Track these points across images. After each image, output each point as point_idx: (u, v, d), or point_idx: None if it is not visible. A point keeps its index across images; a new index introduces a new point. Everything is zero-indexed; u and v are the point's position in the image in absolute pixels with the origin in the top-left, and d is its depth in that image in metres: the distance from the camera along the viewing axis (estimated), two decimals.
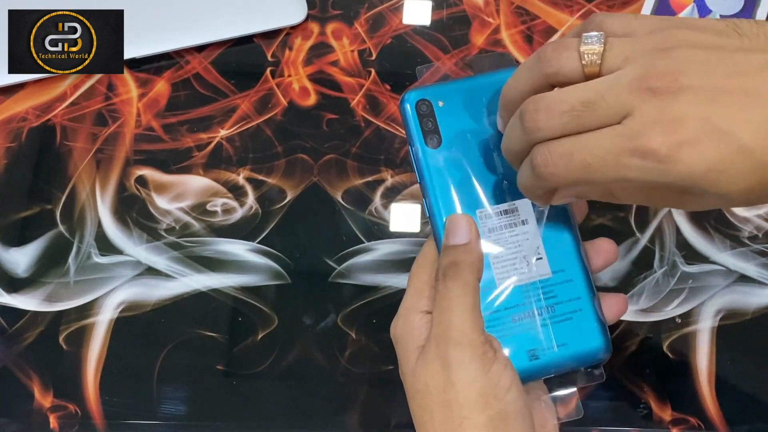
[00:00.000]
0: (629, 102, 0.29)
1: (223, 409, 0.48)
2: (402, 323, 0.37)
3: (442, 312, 0.35)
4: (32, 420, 0.48)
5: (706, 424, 0.47)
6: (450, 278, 0.36)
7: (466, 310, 0.35)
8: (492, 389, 0.34)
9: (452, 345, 0.34)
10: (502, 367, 0.35)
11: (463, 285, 0.35)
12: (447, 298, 0.35)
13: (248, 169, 0.54)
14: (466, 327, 0.35)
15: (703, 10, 0.49)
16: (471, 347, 0.34)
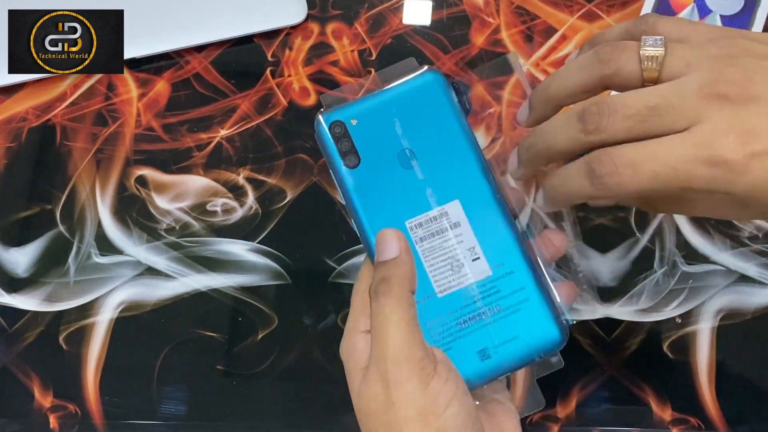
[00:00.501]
0: (698, 108, 0.29)
1: (223, 409, 0.48)
2: (345, 344, 0.37)
3: (378, 330, 0.34)
4: (32, 420, 0.48)
5: (706, 424, 0.47)
6: (382, 294, 0.35)
7: (401, 325, 0.34)
8: (430, 406, 0.33)
9: (390, 363, 0.34)
10: (442, 382, 0.34)
11: (396, 300, 0.34)
12: (381, 315, 0.34)
13: (248, 169, 0.54)
14: (401, 343, 0.34)
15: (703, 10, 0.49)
16: (408, 364, 0.33)
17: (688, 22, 0.32)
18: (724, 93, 0.29)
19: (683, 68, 0.30)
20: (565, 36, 0.57)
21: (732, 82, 0.29)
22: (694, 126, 0.29)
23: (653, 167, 0.30)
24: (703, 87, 0.29)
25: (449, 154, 0.39)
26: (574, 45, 0.56)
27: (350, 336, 0.37)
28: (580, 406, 0.48)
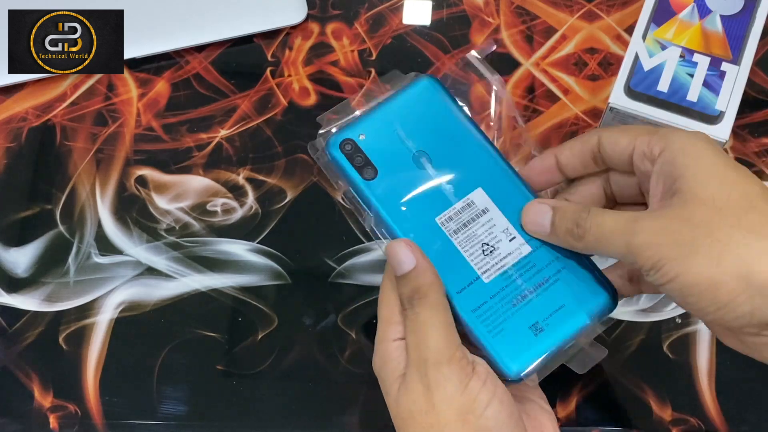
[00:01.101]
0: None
1: (223, 409, 0.48)
2: (380, 356, 0.37)
3: (416, 336, 0.36)
4: (32, 420, 0.48)
5: (706, 424, 0.47)
6: (418, 304, 0.36)
7: (440, 328, 0.35)
8: (470, 406, 0.34)
9: (431, 366, 0.35)
10: (481, 383, 0.35)
11: (430, 307, 0.36)
12: (418, 322, 0.36)
13: (248, 169, 0.54)
14: (441, 345, 0.35)
15: (703, 10, 0.49)
16: (449, 365, 0.35)
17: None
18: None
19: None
20: (565, 36, 0.57)
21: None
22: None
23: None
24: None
25: (460, 148, 0.40)
26: (574, 45, 0.56)
27: (383, 346, 0.37)
28: (580, 406, 0.48)
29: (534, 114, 0.54)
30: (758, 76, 0.55)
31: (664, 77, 0.48)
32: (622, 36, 0.56)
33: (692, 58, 0.48)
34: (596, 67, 0.56)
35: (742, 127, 0.54)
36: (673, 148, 0.35)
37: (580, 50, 0.56)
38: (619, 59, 0.54)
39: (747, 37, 0.49)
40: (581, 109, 0.55)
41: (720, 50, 0.48)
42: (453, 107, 0.41)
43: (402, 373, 0.36)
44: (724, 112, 0.47)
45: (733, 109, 0.47)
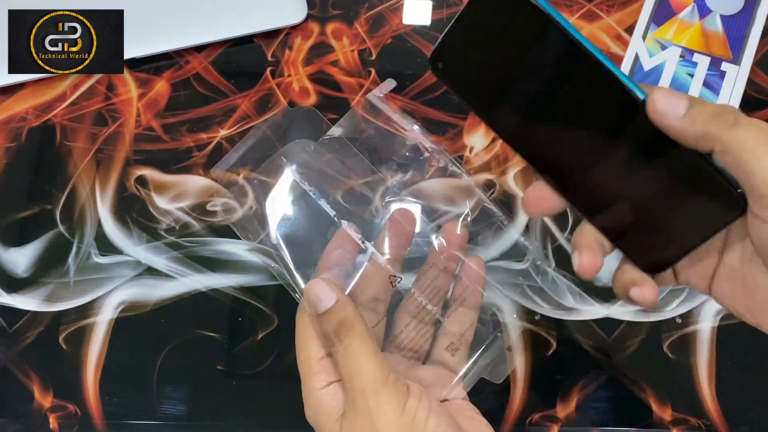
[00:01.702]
0: None
1: (223, 409, 0.48)
2: (312, 408, 0.38)
3: (349, 368, 0.37)
4: (32, 420, 0.48)
5: (706, 424, 0.47)
6: (345, 336, 0.37)
7: (370, 356, 0.36)
8: (411, 424, 0.35)
9: (369, 393, 0.36)
10: (417, 400, 0.36)
11: (359, 336, 0.37)
12: (349, 354, 0.37)
13: (248, 169, 0.54)
14: (374, 371, 0.36)
15: (703, 10, 0.49)
16: (385, 388, 0.36)
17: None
18: None
19: None
20: None
21: None
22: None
23: None
24: None
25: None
26: None
27: (313, 397, 0.38)
28: (580, 406, 0.48)
29: None
30: (758, 76, 0.55)
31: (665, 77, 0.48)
32: (622, 36, 0.56)
33: (692, 58, 0.48)
34: None
35: None
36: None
37: None
38: (620, 59, 0.54)
39: (747, 37, 0.49)
40: None
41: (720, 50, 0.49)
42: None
43: (339, 414, 0.37)
44: None
45: None
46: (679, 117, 0.32)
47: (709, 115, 0.31)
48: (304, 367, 0.39)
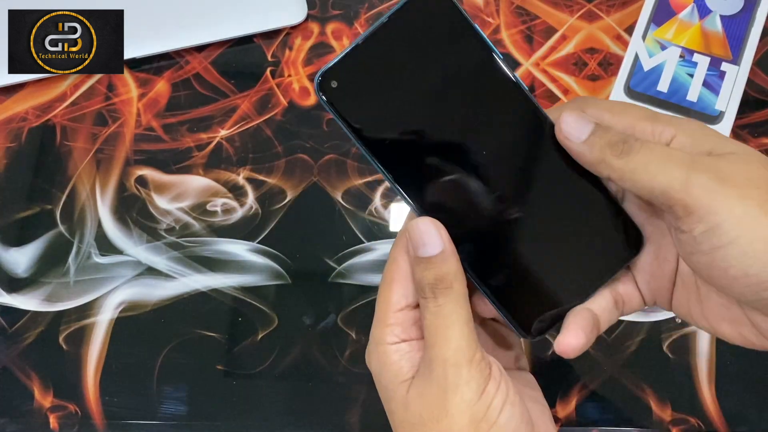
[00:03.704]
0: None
1: (223, 409, 0.48)
2: (377, 357, 0.35)
3: (438, 332, 0.33)
4: (32, 420, 0.48)
5: (706, 424, 0.47)
6: (441, 294, 0.33)
7: (463, 326, 0.33)
8: (483, 412, 0.32)
9: (450, 367, 0.32)
10: (496, 386, 0.33)
11: (456, 299, 0.33)
12: (440, 316, 0.33)
13: (248, 169, 0.54)
14: (463, 344, 0.32)
15: (703, 10, 0.49)
16: (469, 366, 0.32)
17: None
18: None
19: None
20: (565, 36, 0.57)
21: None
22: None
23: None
24: None
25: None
26: (574, 45, 0.56)
27: (380, 349, 0.34)
28: (580, 406, 0.48)
29: None
30: (758, 76, 0.55)
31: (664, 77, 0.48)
32: (622, 36, 0.56)
33: (692, 58, 0.48)
34: (596, 67, 0.56)
35: (742, 127, 0.54)
36: (691, 133, 0.33)
37: (580, 50, 0.56)
38: (619, 59, 0.54)
39: (747, 37, 0.49)
40: None
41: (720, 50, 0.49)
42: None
43: (408, 377, 0.34)
44: (724, 112, 0.47)
45: (733, 109, 0.47)
46: (581, 141, 0.33)
47: (604, 143, 0.33)
48: (381, 314, 0.34)
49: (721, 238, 0.30)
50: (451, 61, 0.34)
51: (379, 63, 0.34)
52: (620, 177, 0.32)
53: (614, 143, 0.32)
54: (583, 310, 0.36)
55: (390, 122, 0.34)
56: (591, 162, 0.33)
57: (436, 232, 0.33)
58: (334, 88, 0.33)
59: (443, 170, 0.34)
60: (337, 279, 0.51)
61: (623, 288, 0.37)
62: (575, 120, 0.34)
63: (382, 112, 0.34)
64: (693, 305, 0.35)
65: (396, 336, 0.34)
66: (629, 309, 0.37)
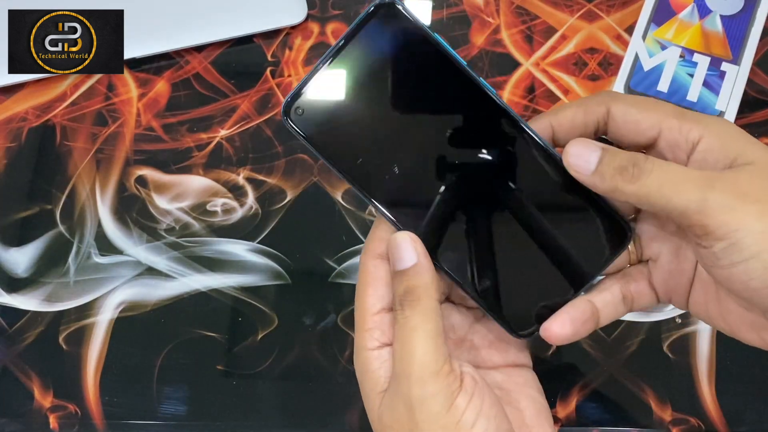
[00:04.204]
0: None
1: (223, 409, 0.48)
2: (359, 363, 0.35)
3: (402, 345, 0.33)
4: (32, 420, 0.48)
5: (706, 424, 0.47)
6: (408, 306, 0.33)
7: (428, 338, 0.32)
8: (453, 425, 0.32)
9: (414, 381, 0.32)
10: (468, 398, 0.32)
11: (423, 312, 0.33)
12: (407, 329, 0.33)
13: (248, 169, 0.54)
14: (427, 358, 0.32)
15: (703, 10, 0.49)
16: (434, 380, 0.32)
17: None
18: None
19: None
20: (565, 36, 0.57)
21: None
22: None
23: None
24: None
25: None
26: (574, 45, 0.56)
27: (362, 355, 0.35)
28: (580, 406, 0.48)
29: (534, 114, 0.54)
30: (758, 76, 0.55)
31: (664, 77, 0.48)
32: (622, 36, 0.56)
33: (692, 58, 0.48)
34: (596, 67, 0.56)
35: (742, 127, 0.54)
36: (720, 134, 0.32)
37: (580, 50, 0.56)
38: (619, 59, 0.54)
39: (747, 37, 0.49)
40: None
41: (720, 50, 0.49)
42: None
43: (383, 388, 0.34)
44: (724, 112, 0.47)
45: (733, 109, 0.47)
46: (590, 173, 0.33)
47: (614, 170, 0.32)
48: (359, 319, 0.35)
49: (741, 254, 0.30)
50: (414, 75, 0.34)
51: (342, 85, 0.34)
52: (636, 201, 0.32)
53: (624, 168, 0.32)
54: (583, 300, 0.35)
55: (358, 142, 0.34)
56: (604, 191, 0.33)
57: (411, 246, 0.34)
58: (299, 114, 0.34)
59: (416, 183, 0.35)
60: (337, 279, 0.51)
61: (635, 284, 0.36)
62: (580, 150, 0.33)
63: (350, 132, 0.34)
64: (711, 306, 0.35)
65: (376, 340, 0.34)
66: (639, 306, 0.37)
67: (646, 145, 0.34)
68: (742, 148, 0.32)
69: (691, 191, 0.30)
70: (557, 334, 0.35)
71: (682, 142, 0.33)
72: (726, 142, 0.32)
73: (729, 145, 0.32)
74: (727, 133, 0.32)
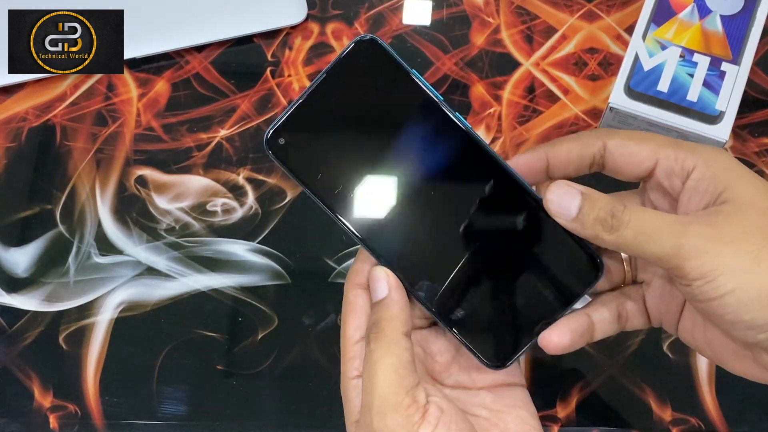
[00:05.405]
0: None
1: (223, 409, 0.48)
2: (342, 391, 0.36)
3: (367, 377, 0.34)
4: (32, 420, 0.48)
5: (706, 424, 0.47)
6: (372, 339, 0.34)
7: (390, 371, 0.33)
8: None
9: (375, 414, 0.33)
10: (431, 428, 0.33)
11: (386, 344, 0.33)
12: (370, 362, 0.34)
13: (248, 169, 0.54)
14: (387, 391, 0.33)
15: (703, 10, 0.49)
16: (393, 414, 0.32)
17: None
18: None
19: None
20: (565, 36, 0.57)
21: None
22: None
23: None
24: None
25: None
26: (574, 45, 0.56)
27: (343, 383, 0.36)
28: (580, 406, 0.48)
29: (534, 114, 0.54)
30: (758, 76, 0.55)
31: (664, 77, 0.48)
32: (622, 36, 0.56)
33: (692, 58, 0.48)
34: (596, 67, 0.56)
35: (742, 127, 0.54)
36: (711, 164, 0.33)
37: (580, 50, 0.56)
38: (619, 59, 0.54)
39: (747, 37, 0.49)
40: (581, 109, 0.55)
41: (720, 50, 0.49)
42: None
43: (357, 418, 0.34)
44: (724, 112, 0.47)
45: (733, 109, 0.47)
46: (571, 219, 0.34)
47: (594, 219, 0.33)
48: (342, 348, 0.36)
49: (717, 291, 0.31)
50: (393, 108, 0.35)
51: (324, 116, 0.35)
52: (615, 249, 0.34)
53: (603, 219, 0.33)
54: (581, 314, 0.36)
55: (340, 173, 0.35)
56: (585, 237, 0.34)
57: (384, 279, 0.35)
58: (282, 144, 0.35)
59: (394, 215, 0.36)
60: (337, 279, 0.51)
61: (630, 304, 0.38)
62: (561, 196, 0.34)
63: (331, 164, 0.35)
64: (698, 333, 0.36)
65: (356, 369, 0.35)
66: (632, 326, 0.38)
67: (643, 176, 0.35)
68: (729, 181, 0.33)
69: (666, 239, 0.32)
70: (556, 344, 0.35)
71: (678, 170, 0.34)
72: (717, 172, 0.33)
73: (719, 176, 0.33)
74: (718, 163, 0.34)
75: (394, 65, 0.35)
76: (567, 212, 0.34)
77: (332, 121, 0.35)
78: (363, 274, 0.36)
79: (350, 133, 0.35)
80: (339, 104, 0.35)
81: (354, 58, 0.35)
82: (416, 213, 0.36)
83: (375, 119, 0.36)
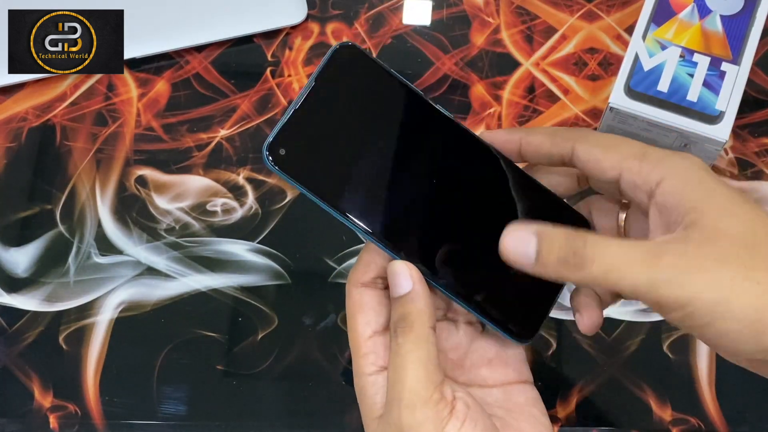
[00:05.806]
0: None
1: (223, 409, 0.48)
2: (358, 388, 0.36)
3: (395, 372, 0.33)
4: (32, 420, 0.48)
5: (706, 424, 0.47)
6: (401, 333, 0.34)
7: (419, 365, 0.33)
8: None
9: (404, 408, 0.32)
10: (458, 426, 0.33)
11: (415, 339, 0.33)
12: (399, 356, 0.33)
13: (248, 169, 0.54)
14: (417, 385, 0.33)
15: (703, 10, 0.49)
16: (423, 408, 0.32)
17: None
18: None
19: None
20: (565, 36, 0.57)
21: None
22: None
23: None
24: None
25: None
26: (574, 45, 0.56)
27: (359, 380, 0.35)
28: (580, 406, 0.48)
29: (534, 114, 0.55)
30: (758, 76, 0.55)
31: (664, 77, 0.48)
32: (622, 36, 0.56)
33: (692, 58, 0.48)
34: (596, 67, 0.56)
35: (742, 127, 0.54)
36: (677, 178, 0.33)
37: (580, 50, 0.56)
38: (619, 59, 0.54)
39: (747, 37, 0.49)
40: (581, 109, 0.55)
41: (720, 50, 0.48)
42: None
43: (379, 414, 0.34)
44: (724, 112, 0.47)
45: (733, 109, 0.47)
46: (532, 263, 0.33)
47: (556, 261, 0.32)
48: (353, 345, 0.36)
49: (694, 321, 0.31)
50: (383, 110, 0.37)
51: (319, 123, 0.35)
52: (586, 286, 0.35)
53: (564, 259, 0.32)
54: (588, 292, 0.37)
55: (344, 177, 0.35)
56: (552, 280, 0.33)
57: (407, 273, 0.34)
58: (282, 155, 0.35)
59: (407, 208, 0.36)
60: (337, 279, 0.51)
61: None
62: (515, 242, 0.33)
63: (334, 168, 0.35)
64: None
65: (373, 364, 0.35)
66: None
67: (611, 182, 0.35)
68: (698, 198, 0.32)
69: (638, 273, 0.31)
70: (597, 323, 0.37)
71: (641, 184, 0.33)
72: (685, 188, 0.32)
73: (687, 192, 0.32)
74: (688, 176, 0.32)
75: (374, 67, 0.36)
76: (526, 259, 0.33)
77: (328, 125, 0.36)
78: (368, 272, 0.36)
79: (347, 134, 0.36)
80: (330, 108, 0.36)
81: (336, 64, 0.36)
82: (426, 203, 0.36)
83: (368, 118, 0.36)
